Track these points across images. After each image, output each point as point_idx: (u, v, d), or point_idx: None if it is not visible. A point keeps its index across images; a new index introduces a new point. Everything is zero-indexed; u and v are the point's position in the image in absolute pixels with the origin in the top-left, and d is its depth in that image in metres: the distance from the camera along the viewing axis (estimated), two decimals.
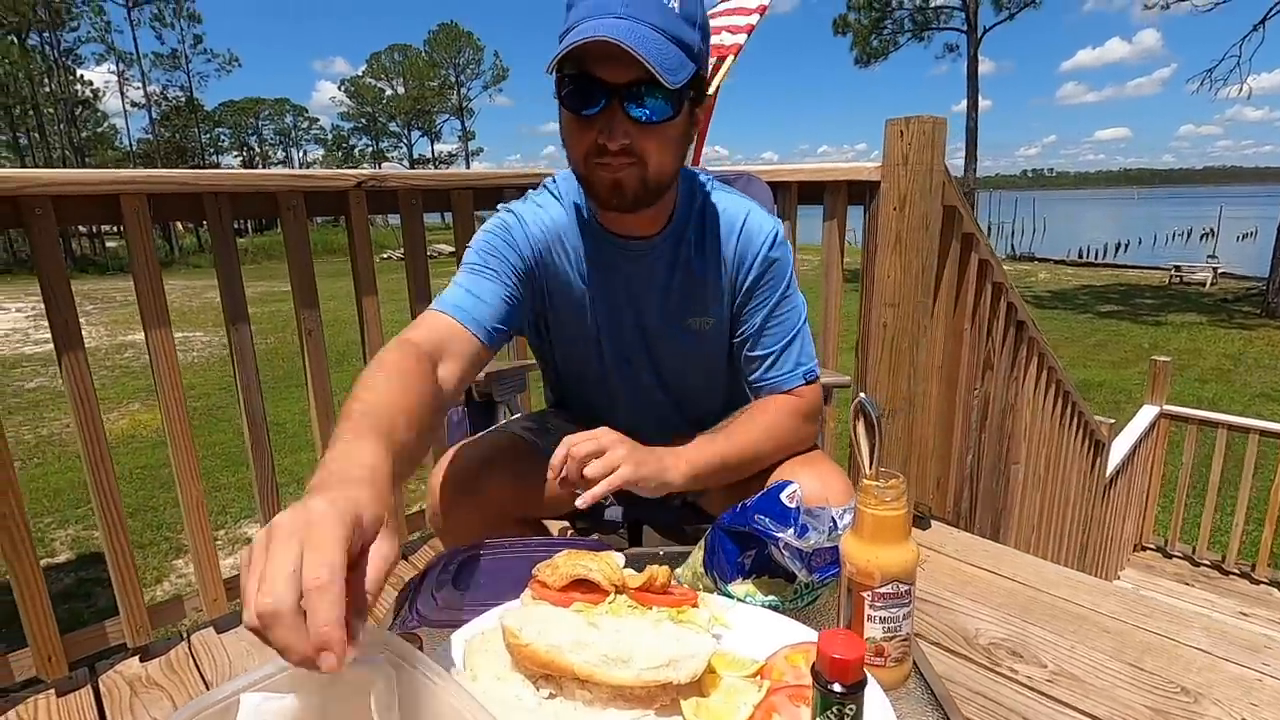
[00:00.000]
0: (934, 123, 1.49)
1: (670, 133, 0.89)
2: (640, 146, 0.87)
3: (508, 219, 1.02)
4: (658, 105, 0.85)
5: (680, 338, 1.07)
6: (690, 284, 1.04)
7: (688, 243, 1.03)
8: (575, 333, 1.08)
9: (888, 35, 24.34)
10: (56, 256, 1.24)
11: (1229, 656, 1.39)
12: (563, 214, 1.03)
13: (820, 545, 0.64)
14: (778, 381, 1.06)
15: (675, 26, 0.83)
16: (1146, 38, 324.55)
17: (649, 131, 0.86)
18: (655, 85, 0.82)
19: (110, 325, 12.17)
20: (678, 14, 0.84)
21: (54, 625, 1.29)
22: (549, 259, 1.02)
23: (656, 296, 1.05)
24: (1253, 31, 14.56)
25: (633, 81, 0.83)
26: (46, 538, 4.58)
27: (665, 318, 1.06)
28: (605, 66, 0.82)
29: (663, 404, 1.13)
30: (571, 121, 0.89)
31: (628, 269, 1.03)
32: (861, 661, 0.38)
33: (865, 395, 0.62)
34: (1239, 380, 9.02)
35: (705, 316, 1.06)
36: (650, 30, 0.81)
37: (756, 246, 1.03)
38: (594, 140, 0.87)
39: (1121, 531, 4.05)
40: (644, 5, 0.82)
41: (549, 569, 0.62)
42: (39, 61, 31.21)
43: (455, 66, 47.62)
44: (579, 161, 0.92)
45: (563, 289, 1.04)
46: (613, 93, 0.84)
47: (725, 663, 0.61)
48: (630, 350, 1.08)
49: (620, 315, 1.06)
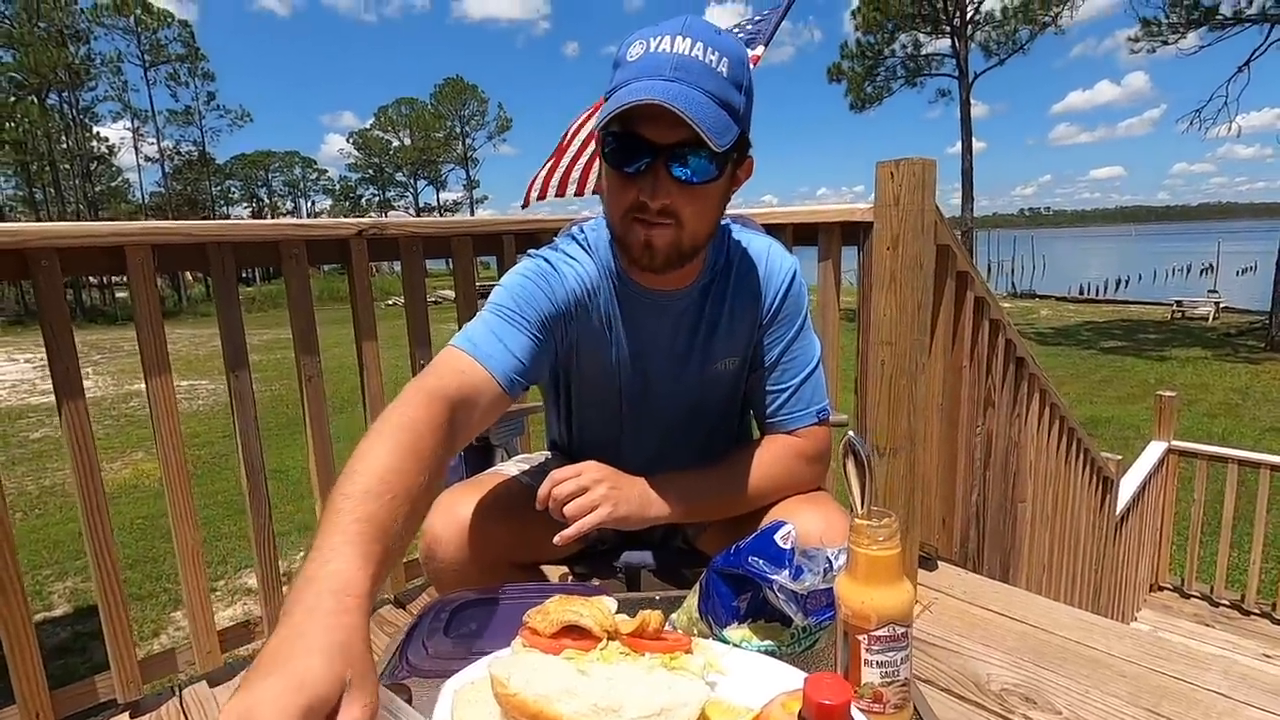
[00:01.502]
0: (923, 164, 1.51)
1: (711, 195, 0.90)
2: (679, 207, 0.87)
3: (544, 268, 0.99)
4: (701, 166, 0.86)
5: (703, 382, 1.07)
6: (718, 328, 1.04)
7: (718, 289, 1.04)
8: (596, 381, 1.07)
9: (881, 82, 24.95)
10: (61, 307, 1.26)
11: (1250, 700, 1.35)
12: (594, 267, 1.02)
13: (815, 587, 0.63)
14: (789, 419, 1.05)
15: (723, 90, 0.84)
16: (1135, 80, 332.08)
17: (690, 193, 0.87)
18: (700, 147, 0.83)
19: (116, 375, 12.25)
20: (725, 78, 0.84)
21: (43, 682, 1.26)
22: (580, 313, 1.01)
23: (683, 345, 1.05)
24: (1238, 73, 14.90)
25: (679, 143, 0.83)
26: (44, 590, 4.52)
27: (690, 365, 1.05)
28: (652, 127, 0.83)
29: (676, 447, 1.11)
30: (614, 178, 0.89)
31: (655, 322, 1.03)
32: (848, 707, 0.37)
33: (854, 434, 0.62)
34: (1248, 414, 8.95)
35: (731, 357, 1.06)
36: (699, 94, 0.82)
37: (777, 282, 1.05)
38: (635, 198, 0.87)
39: (1136, 571, 3.97)
40: (693, 69, 0.82)
41: (539, 615, 0.61)
42: (57, 120, 32.17)
43: (460, 118, 48.87)
44: (617, 217, 0.92)
45: (590, 341, 1.03)
46: (658, 152, 0.85)
47: (720, 711, 0.59)
48: (651, 398, 1.08)
49: (645, 364, 1.05)
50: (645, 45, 0.85)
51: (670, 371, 1.06)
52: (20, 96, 30.37)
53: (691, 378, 1.06)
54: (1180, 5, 15.38)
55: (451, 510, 1.01)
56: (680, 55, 0.82)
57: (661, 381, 1.06)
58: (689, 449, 1.10)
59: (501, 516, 1.02)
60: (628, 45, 0.87)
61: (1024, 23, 23.24)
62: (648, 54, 0.84)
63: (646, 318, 1.02)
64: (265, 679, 0.46)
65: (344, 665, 0.48)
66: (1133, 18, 16.10)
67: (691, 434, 1.11)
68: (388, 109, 49.72)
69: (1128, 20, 16.35)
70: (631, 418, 1.09)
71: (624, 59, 0.86)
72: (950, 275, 1.76)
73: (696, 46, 0.83)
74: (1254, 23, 14.69)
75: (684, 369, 1.05)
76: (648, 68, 0.83)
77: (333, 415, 1.65)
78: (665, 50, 0.83)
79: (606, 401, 1.08)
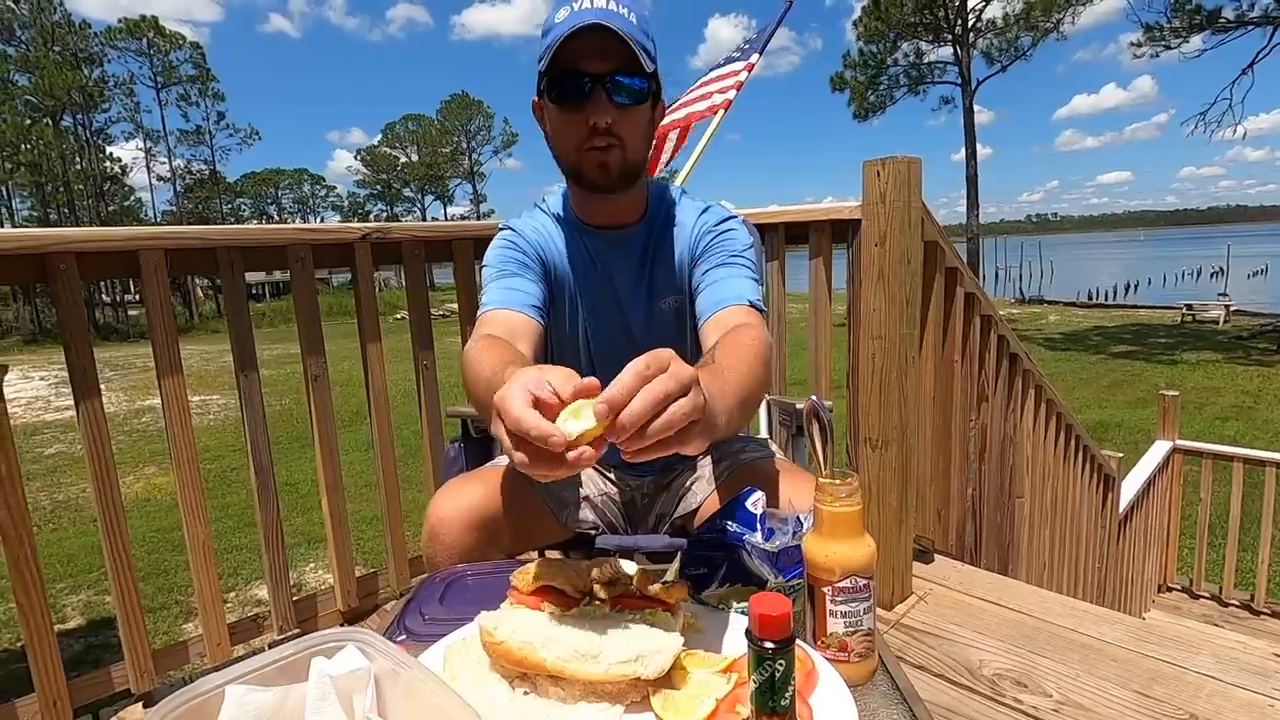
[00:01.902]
0: (908, 162, 1.55)
1: (642, 118, 1.05)
2: (620, 129, 1.02)
3: (507, 234, 1.17)
4: (633, 91, 1.01)
5: (654, 317, 1.19)
6: (661, 265, 1.17)
7: (658, 228, 1.18)
8: (565, 325, 1.19)
9: (884, 90, 25.06)
10: (79, 307, 1.31)
11: (1239, 682, 1.36)
12: (549, 221, 1.19)
13: (786, 545, 0.67)
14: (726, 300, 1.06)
15: (638, 32, 0.98)
16: (1142, 84, 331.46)
17: (627, 115, 1.02)
18: (630, 73, 0.99)
19: (129, 390, 12.39)
20: (637, 26, 0.99)
21: (61, 670, 1.31)
22: (545, 257, 1.15)
23: (633, 279, 1.17)
24: (1241, 75, 14.89)
25: (613, 70, 0.98)
26: (59, 603, 4.58)
27: (641, 299, 1.18)
28: (588, 60, 0.98)
29: None
30: (560, 116, 1.03)
31: (608, 257, 1.16)
32: (788, 618, 0.41)
33: (817, 397, 0.66)
34: (1260, 417, 8.86)
35: (671, 295, 1.18)
36: (624, 23, 0.96)
37: (712, 222, 1.17)
38: (583, 126, 1.01)
39: (1144, 571, 3.95)
40: (613, 16, 0.96)
41: (522, 574, 0.65)
42: (71, 141, 32.73)
43: (466, 133, 49.39)
44: (570, 152, 1.06)
45: (556, 285, 1.16)
46: (596, 80, 0.99)
47: (695, 660, 0.63)
48: (611, 337, 1.19)
49: (603, 303, 1.18)
50: (570, 8, 0.98)
51: (624, 300, 1.18)
52: (36, 119, 30.95)
53: (641, 308, 1.18)
54: (1182, 9, 15.42)
55: (455, 497, 1.06)
56: (600, 9, 0.96)
57: (617, 311, 1.18)
58: None
59: (505, 507, 1.07)
60: (554, 12, 1.00)
61: (1025, 29, 23.32)
62: (572, 12, 0.97)
63: (600, 255, 1.17)
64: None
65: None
66: (1135, 22, 16.16)
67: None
68: (395, 125, 50.33)
69: (1130, 25, 16.38)
70: (601, 354, 1.19)
71: (551, 23, 1.00)
72: (939, 271, 1.80)
73: (613, 2, 0.98)
74: (1257, 25, 14.71)
75: (634, 299, 1.18)
76: (574, 17, 0.96)
77: (341, 430, 1.70)
78: (588, 6, 0.97)
79: (574, 352, 1.20)
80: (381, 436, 1.74)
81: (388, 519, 1.78)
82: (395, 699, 0.55)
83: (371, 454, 1.76)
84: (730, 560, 0.73)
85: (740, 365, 0.83)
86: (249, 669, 0.53)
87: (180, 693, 0.50)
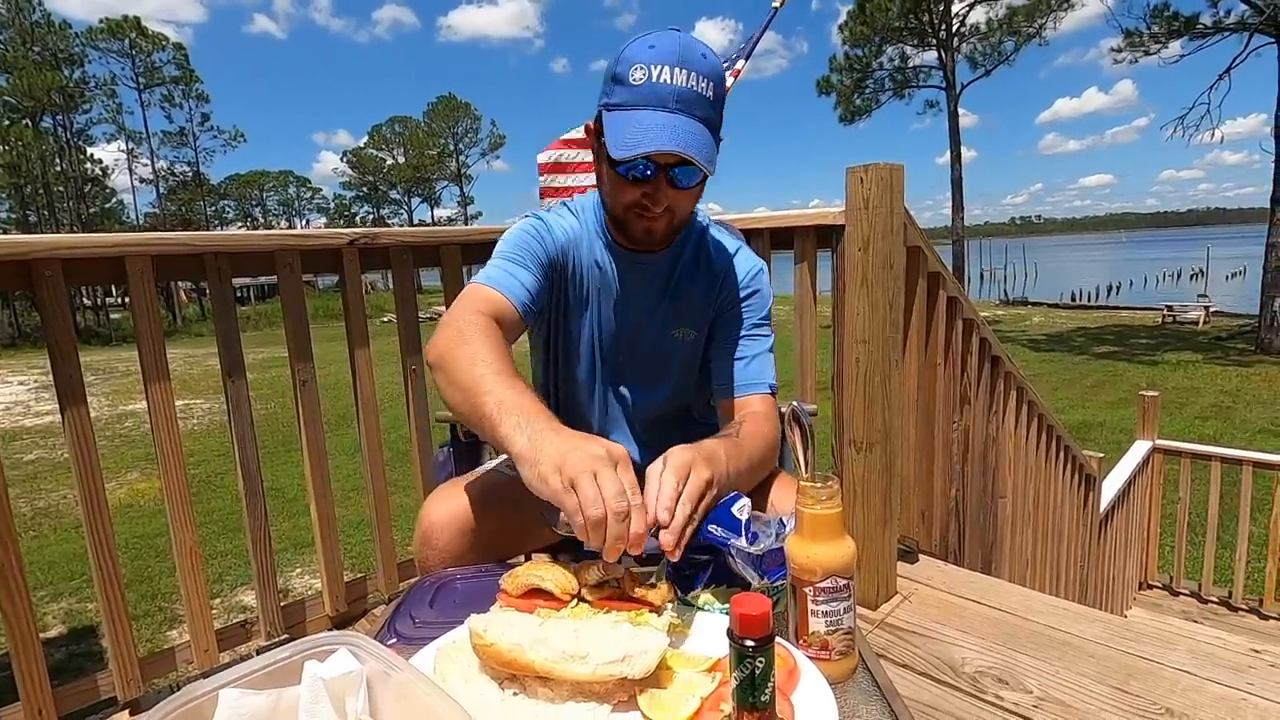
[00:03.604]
0: (890, 169, 1.58)
1: (695, 192, 1.09)
2: (673, 204, 1.05)
3: (536, 223, 1.16)
4: (692, 176, 1.03)
5: (664, 345, 1.20)
6: (681, 296, 1.19)
7: (685, 261, 1.19)
8: (576, 334, 1.20)
9: (869, 94, 25.27)
10: (65, 315, 1.31)
11: (1213, 677, 1.40)
12: (579, 226, 1.18)
13: (770, 548, 0.68)
14: (749, 385, 1.16)
15: (709, 113, 1.00)
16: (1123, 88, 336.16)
17: (682, 195, 1.05)
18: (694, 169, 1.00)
19: (112, 395, 12.24)
20: (711, 101, 1.00)
21: (46, 679, 1.30)
22: (566, 261, 1.16)
23: (651, 305, 1.19)
24: (1219, 80, 15.14)
25: (678, 162, 0.99)
26: (40, 611, 4.51)
27: (656, 325, 1.19)
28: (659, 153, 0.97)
29: (632, 406, 1.24)
30: (620, 182, 1.04)
31: (632, 277, 1.17)
32: (768, 617, 0.42)
33: (798, 402, 0.68)
34: (1238, 416, 9.02)
35: (689, 328, 1.20)
36: (696, 124, 0.97)
37: (741, 274, 1.20)
38: (637, 199, 1.04)
39: (1125, 570, 4.01)
40: (690, 100, 0.97)
41: (510, 578, 0.66)
42: (51, 143, 32.29)
43: (454, 135, 49.20)
44: (618, 208, 1.08)
45: (574, 290, 1.18)
46: (660, 168, 1.01)
47: (681, 660, 0.64)
48: (619, 355, 1.20)
49: (617, 320, 1.19)
50: (647, 73, 0.97)
51: (638, 322, 1.20)
52: (14, 120, 30.51)
53: (655, 332, 1.20)
54: (1161, 16, 15.67)
55: (447, 501, 1.08)
56: (679, 88, 0.96)
57: (630, 330, 1.20)
58: (639, 421, 1.24)
59: (492, 509, 1.08)
60: (629, 66, 0.98)
61: (1008, 34, 23.61)
62: (650, 82, 0.97)
63: (624, 274, 1.18)
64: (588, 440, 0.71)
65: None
66: (1116, 28, 16.40)
67: (654, 393, 1.24)
68: (381, 127, 50.04)
69: (1111, 30, 16.62)
70: (605, 366, 1.21)
71: (626, 78, 0.98)
72: (922, 275, 1.83)
73: (691, 78, 0.97)
74: (1233, 31, 14.97)
75: (649, 321, 1.20)
76: (652, 98, 0.97)
77: (328, 434, 1.70)
78: (666, 82, 0.97)
79: (580, 361, 1.21)
80: (370, 441, 1.74)
81: (376, 523, 1.78)
82: (387, 701, 0.56)
83: (359, 458, 1.76)
84: (715, 563, 0.74)
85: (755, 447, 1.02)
86: (242, 673, 0.54)
87: (175, 696, 0.51)
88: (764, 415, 1.12)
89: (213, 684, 0.52)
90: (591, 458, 0.68)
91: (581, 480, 0.66)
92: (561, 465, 0.68)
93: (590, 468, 0.67)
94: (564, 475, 0.67)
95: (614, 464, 0.68)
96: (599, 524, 0.64)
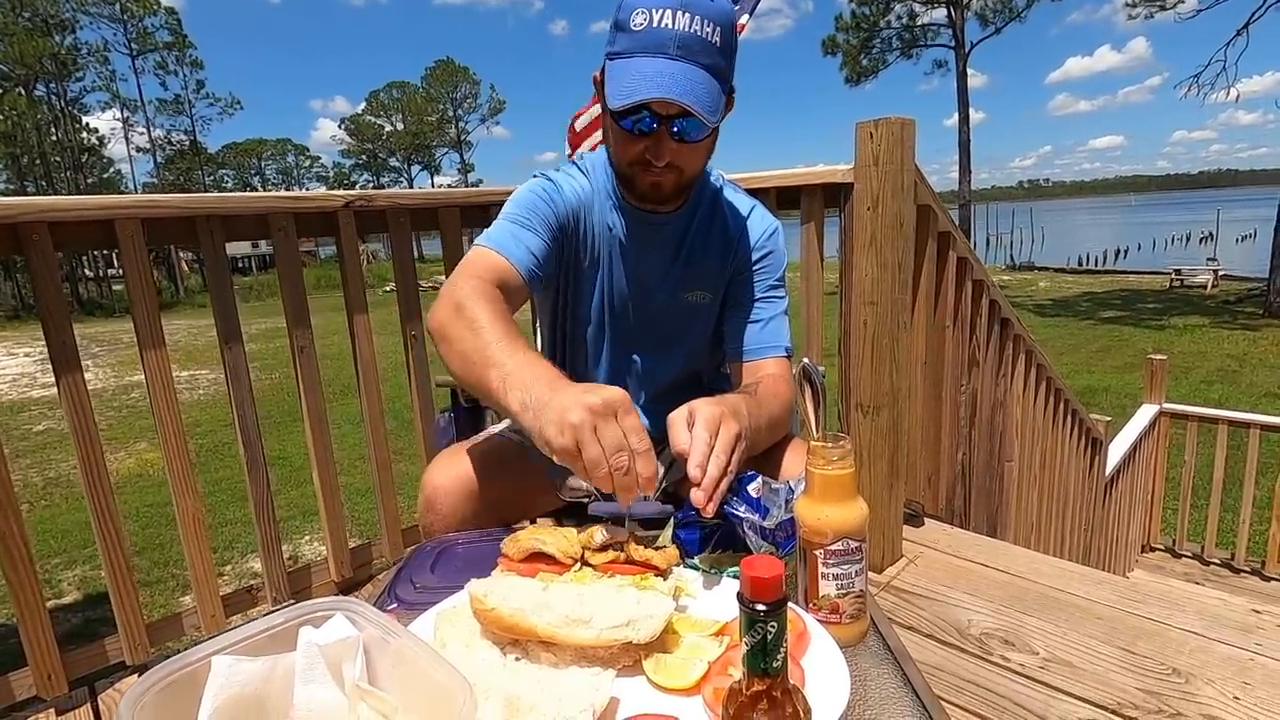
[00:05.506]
0: (902, 123, 1.53)
1: (704, 148, 1.04)
2: (679, 160, 1.01)
3: (546, 184, 1.11)
4: (697, 127, 0.97)
5: (677, 309, 1.17)
6: (695, 259, 1.15)
7: (699, 220, 1.16)
8: (585, 299, 1.17)
9: (876, 54, 24.71)
10: (54, 281, 1.28)
11: (1221, 638, 1.39)
12: (589, 186, 1.13)
13: (781, 519, 0.66)
14: (764, 348, 1.14)
15: (716, 61, 0.94)
16: (1136, 46, 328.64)
17: (688, 148, 1.00)
18: (698, 122, 0.95)
19: (116, 366, 12.28)
20: (718, 49, 0.94)
21: (54, 644, 1.31)
22: (578, 223, 1.12)
23: (665, 262, 1.15)
24: (1236, 36, 14.72)
25: (680, 113, 0.94)
26: (54, 578, 4.59)
27: (669, 288, 1.16)
28: (657, 101, 0.93)
29: (641, 373, 1.21)
30: (621, 133, 1.01)
31: (644, 238, 1.14)
32: (780, 580, 0.40)
33: (809, 360, 0.65)
34: (1245, 380, 8.97)
35: (704, 290, 1.17)
36: (699, 71, 0.92)
37: (756, 236, 1.17)
38: (640, 152, 1.00)
39: (1128, 532, 4.02)
40: (693, 46, 0.92)
41: (511, 542, 0.64)
42: (45, 111, 31.88)
43: (453, 101, 48.45)
44: (622, 164, 1.04)
45: (586, 251, 1.14)
46: (662, 120, 0.96)
47: (688, 625, 0.63)
48: (631, 317, 1.17)
49: (629, 284, 1.15)
50: (648, 17, 0.92)
51: (650, 284, 1.16)
52: (7, 88, 30.09)
53: (666, 295, 1.16)
54: None
55: (450, 466, 1.06)
56: (681, 32, 0.91)
57: (642, 294, 1.16)
58: (650, 383, 1.21)
59: (501, 476, 1.07)
60: (631, 11, 0.94)
61: None
62: (650, 27, 0.92)
63: (636, 235, 1.14)
64: (586, 392, 0.68)
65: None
66: None
67: (666, 360, 1.21)
68: (379, 93, 49.33)
69: None
70: (614, 331, 1.18)
71: (627, 24, 0.94)
72: (932, 235, 1.79)
73: (695, 22, 0.91)
74: None
75: (662, 284, 1.16)
76: (652, 42, 0.92)
77: (333, 403, 1.68)
78: (668, 25, 0.91)
79: (590, 322, 1.18)
80: (371, 408, 1.72)
81: (379, 490, 1.78)
82: (384, 667, 0.54)
83: (363, 426, 1.75)
84: (722, 526, 0.72)
85: (774, 407, 1.01)
86: (238, 639, 0.53)
87: (167, 663, 0.50)
88: (780, 377, 1.10)
89: (206, 650, 0.51)
90: (588, 411, 0.66)
91: (584, 438, 0.65)
92: (562, 425, 0.66)
93: (589, 422, 0.66)
94: (567, 435, 0.66)
95: (613, 413, 0.67)
96: (606, 480, 0.64)
